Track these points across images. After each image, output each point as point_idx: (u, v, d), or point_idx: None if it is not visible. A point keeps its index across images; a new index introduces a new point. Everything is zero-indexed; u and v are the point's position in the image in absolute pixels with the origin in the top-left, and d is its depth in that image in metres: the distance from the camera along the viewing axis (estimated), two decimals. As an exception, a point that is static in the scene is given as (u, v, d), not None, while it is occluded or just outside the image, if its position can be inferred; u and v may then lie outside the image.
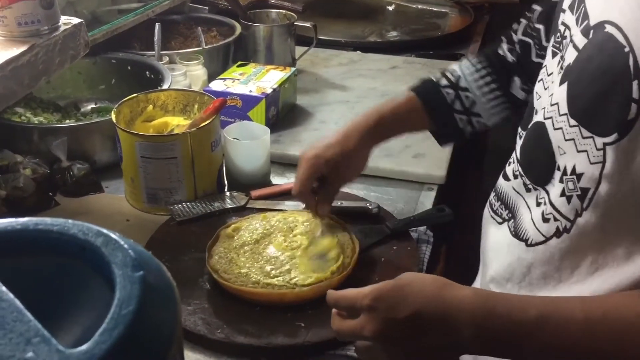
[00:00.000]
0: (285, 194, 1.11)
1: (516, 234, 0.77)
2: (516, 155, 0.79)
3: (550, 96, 0.71)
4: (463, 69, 0.96)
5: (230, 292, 0.88)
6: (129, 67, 1.35)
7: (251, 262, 0.91)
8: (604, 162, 0.62)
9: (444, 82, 0.96)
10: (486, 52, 0.99)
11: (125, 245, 0.31)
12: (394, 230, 1.00)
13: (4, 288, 0.28)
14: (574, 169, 0.66)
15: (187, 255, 0.96)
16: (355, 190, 1.14)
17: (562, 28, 0.73)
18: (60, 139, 1.10)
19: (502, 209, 0.82)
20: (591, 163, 0.63)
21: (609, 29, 0.61)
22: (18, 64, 0.77)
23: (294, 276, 0.88)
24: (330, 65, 1.63)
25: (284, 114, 1.35)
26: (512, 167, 0.80)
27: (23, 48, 0.81)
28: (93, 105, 1.34)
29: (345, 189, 1.04)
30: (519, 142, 0.79)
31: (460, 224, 1.56)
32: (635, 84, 0.57)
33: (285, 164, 1.22)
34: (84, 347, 0.26)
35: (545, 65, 0.77)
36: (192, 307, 0.86)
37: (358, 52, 1.72)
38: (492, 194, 0.85)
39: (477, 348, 0.63)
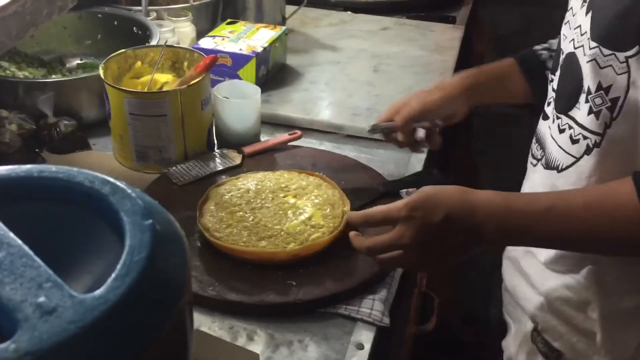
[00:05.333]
0: (277, 150, 1.10)
1: (547, 165, 0.83)
2: (552, 93, 0.86)
3: (578, 27, 0.77)
4: (551, 41, 1.01)
5: (221, 250, 0.87)
6: (115, 22, 1.32)
7: (242, 221, 0.91)
8: (629, 72, 0.69)
9: (539, 46, 1.02)
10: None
11: (133, 194, 0.31)
12: (386, 191, 1.01)
13: (11, 234, 0.28)
14: (599, 86, 0.72)
15: (178, 213, 0.95)
16: (347, 152, 1.13)
17: None
18: (46, 94, 1.07)
19: (537, 148, 0.88)
20: (618, 74, 0.70)
21: None
22: (5, 14, 0.75)
23: (285, 236, 0.88)
24: (320, 25, 1.60)
25: (273, 73, 1.34)
26: (550, 107, 0.86)
27: (9, -2, 0.79)
28: (79, 61, 1.32)
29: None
30: (552, 84, 0.86)
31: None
32: None
33: (275, 124, 1.21)
34: (97, 292, 0.26)
35: (571, 8, 0.82)
36: (183, 265, 0.86)
37: (349, 12, 1.69)
38: (534, 143, 0.90)
39: (497, 239, 0.74)
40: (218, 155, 1.09)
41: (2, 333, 0.24)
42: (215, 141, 1.14)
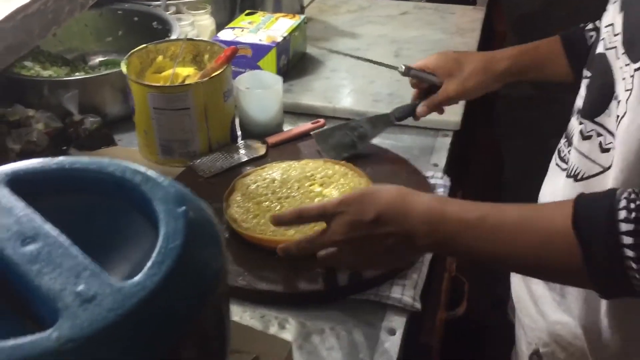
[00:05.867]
0: (302, 137, 1.10)
1: (568, 172, 0.78)
2: (583, 92, 0.80)
3: (610, 25, 0.71)
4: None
5: (249, 241, 0.88)
6: (135, 18, 1.32)
7: (269, 211, 0.91)
8: (631, 90, 0.62)
9: (589, 26, 0.96)
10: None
11: (165, 182, 0.30)
12: (399, 118, 1.07)
13: (47, 225, 0.28)
14: (618, 96, 0.66)
15: (205, 205, 0.96)
16: (370, 138, 1.13)
17: None
18: (71, 92, 1.08)
19: (565, 146, 0.82)
20: (625, 90, 0.64)
21: None
22: (28, 12, 0.75)
23: (312, 225, 0.88)
24: (339, 12, 1.59)
25: (294, 62, 1.33)
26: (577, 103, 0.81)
27: (31, -3, 0.79)
28: (101, 58, 1.33)
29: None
30: (585, 81, 0.80)
31: (474, 170, 1.55)
32: None
33: (297, 113, 1.21)
34: (134, 279, 0.26)
35: None
36: (212, 256, 0.87)
37: (367, -2, 1.68)
38: (563, 139, 0.85)
39: (429, 245, 0.71)
40: (242, 147, 1.09)
41: (44, 322, 0.24)
42: (239, 133, 1.14)
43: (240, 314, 0.81)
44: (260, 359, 0.63)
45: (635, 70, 0.61)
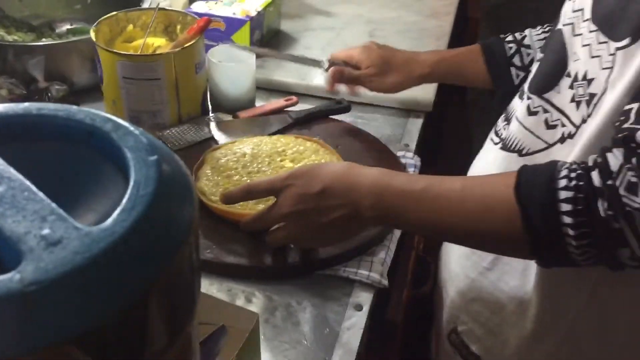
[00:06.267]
0: (273, 113, 1.09)
1: (505, 146, 0.78)
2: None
3: (572, 2, 0.72)
4: (531, 30, 0.98)
5: (217, 214, 0.87)
6: (106, -14, 1.29)
7: (239, 185, 0.90)
8: (612, 68, 0.62)
9: (509, 37, 0.99)
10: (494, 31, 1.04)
11: (136, 131, 0.30)
12: (296, 119, 1.07)
13: (12, 169, 0.26)
14: (585, 75, 0.66)
15: (173, 177, 0.95)
16: (343, 116, 1.12)
17: None
18: (36, 58, 1.05)
19: (504, 127, 0.82)
20: (602, 69, 0.64)
21: None
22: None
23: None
24: (314, -10, 1.57)
25: (268, 38, 1.32)
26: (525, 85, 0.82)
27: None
28: (69, 26, 1.29)
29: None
30: (536, 63, 0.81)
31: (444, 152, 1.56)
32: None
33: (270, 89, 1.20)
34: (103, 225, 0.25)
35: None
36: (179, 228, 0.85)
37: (343, -22, 1.66)
38: (502, 116, 0.86)
39: (375, 218, 0.71)
40: (212, 120, 1.07)
41: (7, 267, 0.23)
42: (210, 106, 1.12)
43: (207, 287, 0.80)
44: (226, 328, 0.62)
45: (619, 48, 0.62)
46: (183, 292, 0.28)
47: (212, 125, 1.06)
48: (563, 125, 0.70)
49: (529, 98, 0.76)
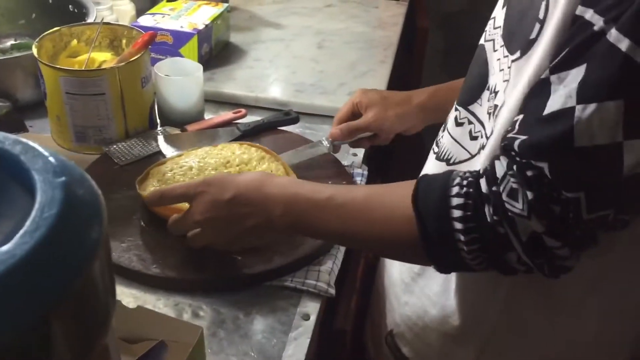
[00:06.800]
0: (222, 126, 1.10)
1: (439, 156, 0.81)
2: None
3: (492, 19, 0.73)
4: None
5: (161, 216, 0.86)
6: (50, 1, 1.27)
7: (185, 198, 0.90)
8: (508, 81, 0.64)
9: None
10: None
11: (46, 153, 0.30)
12: (244, 131, 1.07)
13: None
14: (495, 87, 0.68)
15: (120, 193, 0.94)
16: (292, 128, 1.13)
17: None
18: (-23, 75, 1.03)
19: (442, 137, 0.84)
20: (503, 81, 0.66)
21: None
22: None
23: None
24: (264, 2, 1.59)
25: (217, 51, 1.32)
26: None
27: None
28: (13, 42, 1.27)
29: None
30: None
31: (397, 160, 1.58)
32: (543, 4, 0.60)
33: (219, 101, 1.20)
34: (4, 247, 0.25)
35: None
36: (126, 244, 0.85)
37: (293, -11, 1.68)
38: (442, 126, 0.87)
39: (286, 226, 0.73)
40: (160, 134, 1.07)
41: None
42: (159, 120, 1.12)
43: (154, 302, 0.80)
44: (166, 343, 0.62)
45: (512, 61, 0.64)
46: (91, 310, 0.28)
47: (160, 139, 1.06)
48: (482, 137, 0.72)
49: (456, 109, 0.78)
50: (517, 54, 0.63)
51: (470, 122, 0.75)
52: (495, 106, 0.67)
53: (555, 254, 0.59)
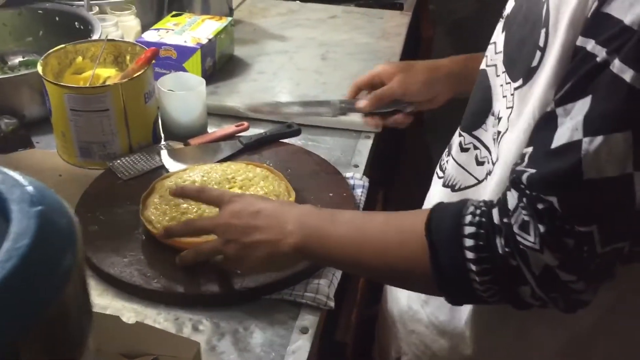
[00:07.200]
0: (224, 139, 1.11)
1: (445, 182, 0.80)
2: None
3: (493, 44, 0.73)
4: None
5: (163, 243, 0.87)
6: (57, 18, 1.30)
7: (186, 213, 0.90)
8: (512, 108, 0.64)
9: None
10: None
11: (24, 182, 0.31)
12: (246, 145, 1.08)
13: None
14: (498, 114, 0.68)
15: (123, 208, 0.95)
16: (294, 140, 1.14)
17: None
18: (-16, 93, 1.05)
19: (447, 162, 0.83)
20: (506, 108, 0.65)
21: None
22: None
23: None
24: (268, 15, 1.60)
25: (221, 65, 1.33)
26: None
27: None
28: (21, 59, 1.29)
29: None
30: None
31: (402, 173, 1.58)
32: (543, 31, 0.59)
33: (222, 115, 1.21)
34: (-25, 279, 0.26)
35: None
36: (127, 259, 0.86)
37: (297, 1, 1.70)
38: (446, 150, 0.86)
39: (294, 241, 0.73)
40: (163, 148, 1.08)
41: None
42: (162, 134, 1.13)
43: (154, 317, 0.81)
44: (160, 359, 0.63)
45: (515, 89, 0.63)
46: (64, 333, 0.29)
47: (163, 153, 1.07)
48: (488, 162, 0.71)
49: (460, 135, 0.78)
50: (520, 82, 0.62)
51: (476, 148, 0.74)
52: (499, 132, 0.66)
53: (570, 288, 0.57)
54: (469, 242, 0.59)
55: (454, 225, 0.61)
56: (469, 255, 0.59)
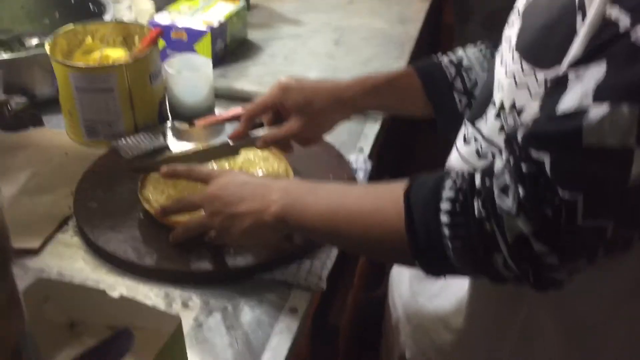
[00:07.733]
0: (229, 121, 1.10)
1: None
2: None
3: (508, 41, 0.70)
4: (467, 51, 0.89)
5: (160, 221, 0.87)
6: (72, 0, 1.31)
7: (183, 191, 0.91)
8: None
9: (445, 60, 0.88)
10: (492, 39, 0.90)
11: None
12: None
13: None
14: (513, 104, 0.65)
15: (123, 185, 0.96)
16: (299, 122, 1.12)
17: None
18: (-5, 72, 1.07)
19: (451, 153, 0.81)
20: (532, 98, 0.62)
21: None
22: None
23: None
24: (286, 0, 1.59)
25: (233, 48, 1.33)
26: None
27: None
28: (37, 41, 1.31)
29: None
30: None
31: (416, 162, 1.56)
32: (579, 14, 0.56)
33: (231, 97, 1.21)
34: None
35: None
36: (122, 235, 0.86)
37: (315, -14, 1.68)
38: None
39: (276, 211, 0.72)
40: (168, 128, 1.08)
41: None
42: (170, 115, 1.14)
43: (146, 292, 0.81)
44: (131, 331, 0.63)
45: (547, 79, 0.59)
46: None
47: (168, 133, 1.07)
48: (489, 155, 0.69)
49: (465, 124, 0.76)
50: (555, 69, 0.57)
51: (476, 139, 0.72)
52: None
53: (542, 262, 0.55)
54: (445, 206, 0.58)
55: (434, 190, 0.59)
56: (444, 219, 0.58)
